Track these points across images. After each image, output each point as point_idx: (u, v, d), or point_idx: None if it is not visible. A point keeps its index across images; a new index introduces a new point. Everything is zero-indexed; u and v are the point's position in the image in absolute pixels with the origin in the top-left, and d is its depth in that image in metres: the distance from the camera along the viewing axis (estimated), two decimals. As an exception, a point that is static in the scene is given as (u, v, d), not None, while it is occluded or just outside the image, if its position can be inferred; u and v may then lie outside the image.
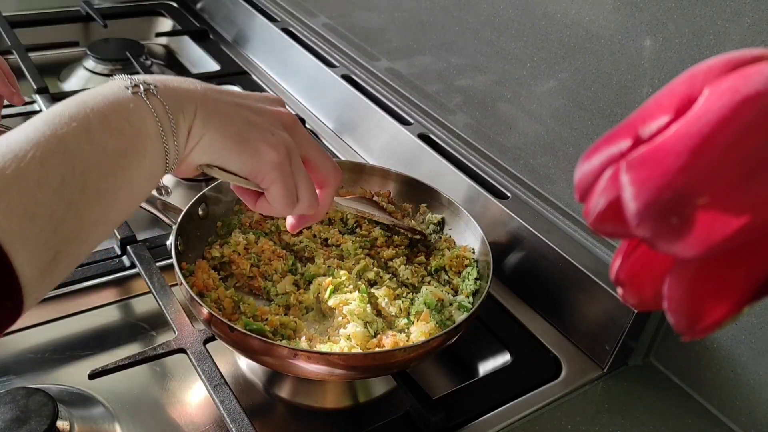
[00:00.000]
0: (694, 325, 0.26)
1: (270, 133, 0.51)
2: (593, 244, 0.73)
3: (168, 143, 0.46)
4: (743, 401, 0.64)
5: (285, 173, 0.51)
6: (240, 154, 0.49)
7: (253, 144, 0.50)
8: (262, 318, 0.64)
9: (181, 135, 0.47)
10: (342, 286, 0.67)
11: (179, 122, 0.46)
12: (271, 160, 0.50)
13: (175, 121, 0.46)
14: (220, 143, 0.49)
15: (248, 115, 0.51)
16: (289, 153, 0.51)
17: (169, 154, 0.46)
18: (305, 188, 0.53)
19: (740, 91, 0.24)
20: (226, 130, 0.49)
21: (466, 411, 0.63)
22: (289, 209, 0.53)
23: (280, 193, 0.52)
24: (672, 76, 0.37)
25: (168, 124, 0.46)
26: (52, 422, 0.55)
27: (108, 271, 0.74)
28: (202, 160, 0.50)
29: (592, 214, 0.27)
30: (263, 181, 0.51)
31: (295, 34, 1.18)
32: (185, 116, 0.47)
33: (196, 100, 0.48)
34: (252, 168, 0.50)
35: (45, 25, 1.26)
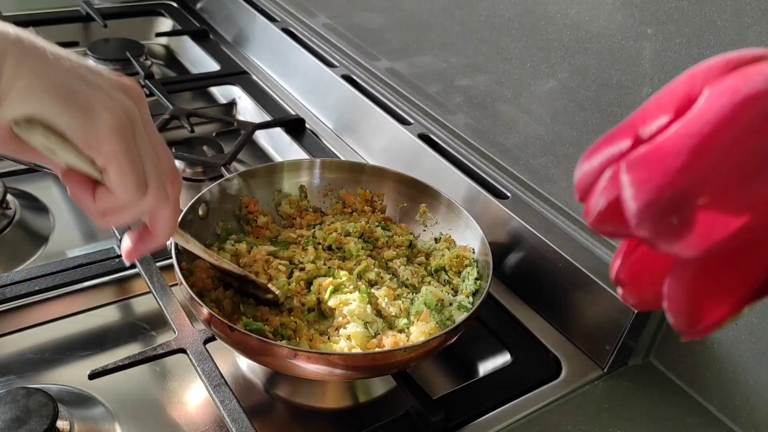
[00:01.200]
0: (694, 325, 0.26)
1: (106, 94, 0.40)
2: (593, 244, 0.73)
3: None
4: (743, 401, 0.64)
5: (128, 144, 0.40)
6: (68, 106, 0.38)
7: (86, 99, 0.39)
8: (263, 318, 0.64)
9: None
10: (342, 286, 0.67)
11: None
12: (109, 122, 0.39)
13: None
14: (41, 89, 0.38)
15: (78, 68, 0.40)
16: (132, 122, 0.41)
17: None
18: (153, 171, 0.42)
19: (740, 91, 0.24)
20: (48, 77, 0.38)
21: (466, 411, 0.63)
22: (136, 196, 0.42)
23: (125, 170, 0.40)
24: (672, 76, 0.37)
25: None
26: (52, 422, 0.55)
27: (108, 271, 0.74)
28: (19, 111, 0.38)
29: (592, 214, 0.27)
30: (100, 153, 0.40)
31: (295, 34, 1.18)
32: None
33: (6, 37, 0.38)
34: (84, 129, 0.39)
35: (45, 25, 1.26)
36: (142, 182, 0.42)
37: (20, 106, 0.38)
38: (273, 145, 1.06)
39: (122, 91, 0.42)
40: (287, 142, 1.01)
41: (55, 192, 0.91)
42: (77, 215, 0.88)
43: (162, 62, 1.32)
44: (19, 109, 0.38)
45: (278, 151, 1.05)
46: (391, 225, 0.79)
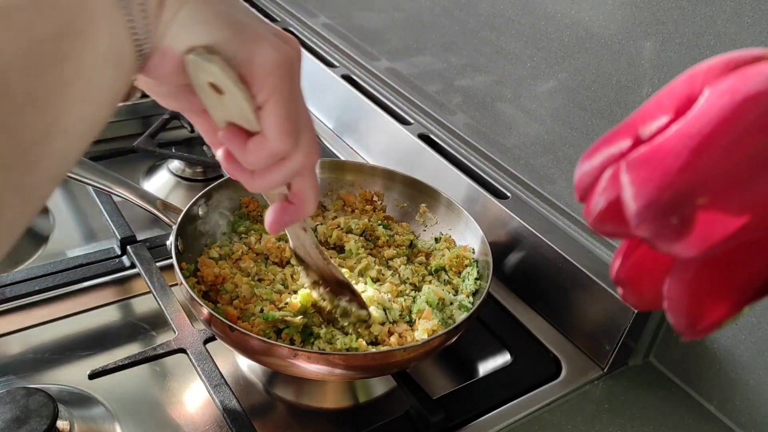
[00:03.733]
0: (694, 325, 0.26)
1: (271, 32, 0.39)
2: (593, 244, 0.73)
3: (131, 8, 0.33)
4: (743, 401, 0.64)
5: (292, 81, 0.39)
6: (236, 34, 0.37)
7: (251, 30, 0.37)
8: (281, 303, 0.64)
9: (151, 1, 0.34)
10: None
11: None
12: (275, 55, 0.37)
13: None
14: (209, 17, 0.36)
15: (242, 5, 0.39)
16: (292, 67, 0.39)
17: (137, 28, 0.33)
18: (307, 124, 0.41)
19: (740, 91, 0.24)
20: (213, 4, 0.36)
21: (466, 411, 0.63)
22: (288, 142, 0.40)
23: (281, 111, 0.38)
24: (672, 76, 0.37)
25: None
26: (52, 422, 0.55)
27: (108, 271, 0.74)
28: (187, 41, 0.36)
29: (592, 214, 0.27)
30: (263, 88, 0.38)
31: (295, 34, 1.18)
32: None
33: None
34: (250, 58, 0.37)
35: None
36: (296, 130, 0.40)
37: (189, 34, 0.36)
38: (273, 145, 1.06)
39: (282, 37, 0.40)
40: (287, 142, 1.01)
41: (55, 192, 0.91)
42: (77, 215, 0.88)
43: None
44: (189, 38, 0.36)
45: (278, 151, 1.05)
46: (393, 224, 0.79)
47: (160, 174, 0.96)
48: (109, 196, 0.81)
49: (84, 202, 0.90)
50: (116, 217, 0.78)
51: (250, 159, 0.41)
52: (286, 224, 0.47)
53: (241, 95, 0.38)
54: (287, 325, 0.62)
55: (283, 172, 0.42)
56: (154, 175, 0.96)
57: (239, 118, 0.39)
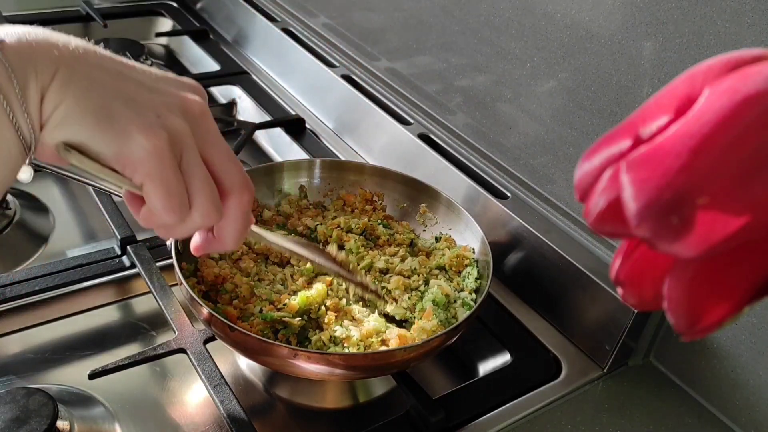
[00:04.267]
0: (694, 325, 0.26)
1: (154, 114, 0.41)
2: (593, 244, 0.73)
3: (16, 114, 0.37)
4: (743, 401, 0.64)
5: (165, 166, 0.40)
6: (102, 131, 0.39)
7: (123, 122, 0.39)
8: (280, 303, 0.64)
9: (32, 101, 0.37)
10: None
11: (28, 84, 0.37)
12: (144, 145, 0.39)
13: (23, 83, 0.37)
14: (78, 115, 0.38)
15: (131, 88, 0.41)
16: (176, 143, 0.41)
17: (21, 129, 0.37)
18: (201, 192, 0.42)
19: (740, 91, 0.24)
20: (89, 99, 0.39)
21: (466, 411, 0.63)
22: (174, 217, 0.42)
23: (158, 194, 0.41)
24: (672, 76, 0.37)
25: (11, 88, 0.36)
26: (52, 422, 0.55)
27: (108, 271, 0.74)
28: (56, 138, 0.39)
29: (592, 214, 0.27)
30: (135, 174, 0.40)
31: (295, 34, 1.18)
32: (39, 77, 0.37)
33: (59, 59, 0.38)
34: (117, 153, 0.40)
35: (45, 25, 1.23)
36: (183, 203, 0.42)
37: (58, 131, 0.39)
38: (273, 145, 1.06)
39: (178, 107, 0.42)
40: (287, 142, 1.01)
41: (55, 192, 0.91)
42: (77, 215, 0.88)
43: (162, 62, 1.32)
44: (58, 135, 0.39)
45: (278, 151, 1.05)
46: (393, 223, 0.79)
47: (160, 174, 0.96)
48: (109, 196, 0.81)
49: (84, 202, 0.90)
50: (116, 217, 0.78)
51: (143, 223, 0.45)
52: (206, 251, 0.50)
53: (111, 179, 0.41)
54: (285, 326, 0.62)
55: (180, 233, 0.45)
56: (154, 175, 0.96)
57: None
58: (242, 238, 0.48)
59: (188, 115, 0.43)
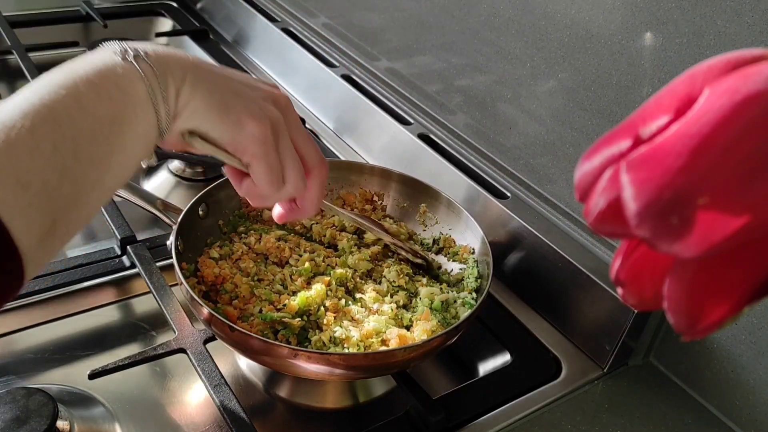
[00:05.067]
0: (694, 325, 0.26)
1: (257, 105, 0.50)
2: (593, 244, 0.73)
3: (158, 106, 0.45)
4: (743, 401, 0.64)
5: (268, 149, 0.50)
6: (222, 122, 0.48)
7: (237, 113, 0.49)
8: (279, 303, 0.64)
9: (170, 98, 0.46)
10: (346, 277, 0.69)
11: (168, 85, 0.46)
12: (253, 132, 0.49)
13: (164, 84, 0.46)
14: (204, 109, 0.48)
15: (237, 86, 0.50)
16: (275, 129, 0.50)
17: (161, 118, 0.46)
18: (292, 169, 0.52)
19: (740, 91, 0.24)
20: (212, 96, 0.48)
21: (466, 411, 0.63)
22: (273, 189, 0.51)
23: (263, 170, 0.50)
24: (672, 76, 0.37)
25: (157, 86, 0.45)
26: (52, 422, 0.55)
27: (108, 271, 0.74)
28: (186, 126, 0.48)
29: (592, 214, 0.27)
30: (244, 155, 0.50)
31: (295, 34, 1.18)
32: (174, 79, 0.46)
33: (186, 65, 0.48)
34: (232, 138, 0.49)
35: (45, 25, 1.26)
36: (279, 179, 0.51)
37: (188, 122, 0.48)
38: (273, 145, 1.06)
39: (272, 100, 0.51)
40: (287, 142, 1.01)
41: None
42: (77, 215, 0.88)
43: (162, 62, 1.32)
44: (189, 124, 0.48)
45: (278, 151, 1.05)
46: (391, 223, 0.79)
47: (161, 174, 0.96)
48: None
49: (84, 202, 0.90)
50: (116, 217, 0.78)
51: (244, 193, 0.54)
52: (288, 220, 0.58)
53: (224, 157, 0.51)
54: (285, 326, 0.62)
55: (274, 201, 0.55)
56: (154, 174, 0.96)
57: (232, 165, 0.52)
58: (319, 206, 0.57)
59: (279, 106, 0.52)
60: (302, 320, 0.62)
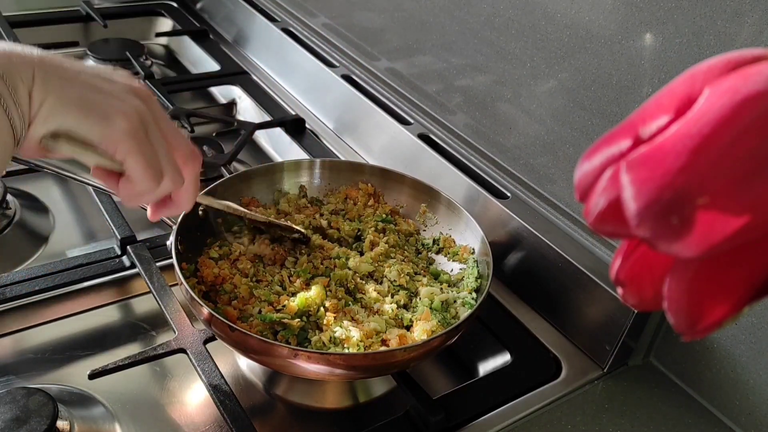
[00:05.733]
0: (694, 325, 0.26)
1: (119, 99, 0.47)
2: (593, 244, 0.73)
3: (10, 110, 0.42)
4: (743, 401, 0.64)
5: (141, 141, 0.47)
6: (86, 118, 0.45)
7: (100, 108, 0.46)
8: (279, 304, 0.64)
9: (22, 100, 0.43)
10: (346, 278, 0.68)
11: (17, 86, 0.43)
12: (123, 126, 0.46)
13: (13, 85, 0.42)
14: (63, 108, 0.45)
15: (93, 80, 0.47)
16: (143, 121, 0.48)
17: (15, 124, 0.43)
18: (168, 161, 0.49)
19: (740, 91, 0.24)
20: (69, 93, 0.45)
21: (466, 411, 0.63)
22: (153, 185, 0.49)
23: (141, 165, 0.47)
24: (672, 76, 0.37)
25: (5, 89, 0.42)
26: (52, 422, 0.55)
27: (108, 271, 0.74)
28: (47, 128, 0.45)
29: (592, 214, 0.27)
30: (117, 151, 0.47)
31: (295, 34, 1.18)
32: (23, 80, 0.43)
33: (32, 63, 0.44)
34: (102, 134, 0.46)
35: (45, 25, 1.26)
36: (158, 171, 0.48)
37: (47, 124, 0.45)
38: (273, 145, 1.06)
39: (133, 93, 0.48)
40: (287, 142, 1.01)
41: (55, 192, 0.91)
42: (77, 215, 0.88)
43: (162, 62, 1.32)
44: (48, 126, 0.45)
45: (278, 151, 1.05)
46: (398, 219, 0.79)
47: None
48: (109, 196, 0.81)
49: (84, 202, 0.90)
50: (116, 217, 0.78)
51: (122, 194, 0.51)
52: (162, 216, 0.56)
53: (96, 158, 0.47)
54: (284, 327, 0.62)
55: (154, 198, 0.52)
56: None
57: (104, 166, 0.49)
58: (194, 199, 0.55)
59: (141, 98, 0.49)
60: (301, 321, 0.62)
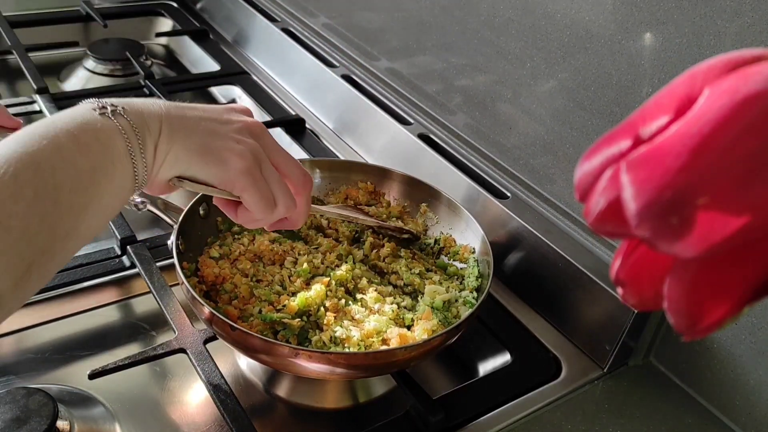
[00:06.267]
0: (694, 325, 0.26)
1: (234, 141, 0.52)
2: (593, 244, 0.73)
3: (136, 160, 0.48)
4: (743, 401, 0.64)
5: (256, 178, 0.53)
6: (206, 164, 0.51)
7: (218, 153, 0.51)
8: (279, 304, 0.64)
9: (148, 152, 0.49)
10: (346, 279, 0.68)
11: (146, 139, 0.48)
12: (239, 167, 0.51)
13: (142, 139, 0.48)
14: (186, 156, 0.50)
15: (212, 126, 0.52)
16: (257, 159, 0.53)
17: (138, 171, 0.48)
18: (280, 191, 0.55)
19: (740, 91, 0.24)
20: (191, 142, 0.51)
21: (466, 411, 0.63)
22: (268, 213, 0.54)
23: (255, 199, 0.53)
24: (672, 76, 0.37)
25: (135, 141, 0.47)
26: (52, 422, 0.55)
27: (108, 271, 0.74)
28: (170, 174, 0.51)
29: (592, 214, 0.27)
30: (235, 189, 0.53)
31: (295, 34, 1.18)
32: (151, 133, 0.49)
33: (160, 117, 0.50)
34: (221, 177, 0.52)
35: (45, 25, 1.26)
36: (270, 202, 0.54)
37: (172, 170, 0.51)
38: (273, 145, 1.06)
39: (247, 131, 0.54)
40: (287, 142, 1.01)
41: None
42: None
43: (162, 62, 1.32)
44: (172, 172, 0.51)
45: (278, 151, 1.05)
46: (408, 219, 0.79)
47: (160, 174, 0.95)
48: (109, 196, 0.80)
49: (84, 202, 0.90)
50: (116, 217, 0.78)
51: (241, 221, 0.57)
52: (278, 228, 0.61)
53: (215, 193, 0.53)
54: (285, 327, 0.62)
55: (270, 221, 0.57)
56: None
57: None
58: (306, 217, 0.61)
59: (254, 134, 0.54)
60: (302, 321, 0.62)
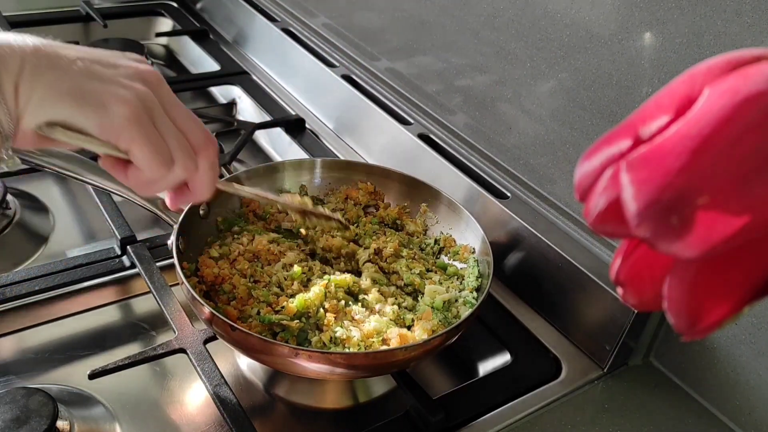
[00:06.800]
0: (694, 325, 0.26)
1: (120, 85, 0.45)
2: (593, 244, 0.73)
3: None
4: (743, 401, 0.64)
5: (146, 129, 0.45)
6: (79, 107, 0.43)
7: (97, 96, 0.44)
8: (278, 305, 0.64)
9: (7, 93, 0.42)
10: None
11: (2, 81, 0.42)
12: (123, 113, 0.44)
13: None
14: (54, 98, 0.43)
15: (92, 67, 0.45)
16: (147, 108, 0.45)
17: (1, 119, 0.42)
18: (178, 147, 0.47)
19: (740, 91, 0.24)
20: (61, 83, 0.43)
21: (466, 411, 0.63)
22: (162, 171, 0.47)
23: (147, 152, 0.45)
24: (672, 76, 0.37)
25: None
26: (52, 422, 0.55)
27: (108, 271, 0.74)
28: (38, 120, 0.43)
29: (592, 214, 0.27)
30: (120, 140, 0.45)
31: (295, 34, 1.18)
32: (9, 71, 0.42)
33: (22, 54, 0.43)
34: (100, 123, 0.44)
35: (45, 25, 1.26)
36: (167, 159, 0.46)
37: (39, 115, 0.43)
38: (273, 145, 1.06)
39: (138, 77, 0.46)
40: (287, 142, 1.01)
41: (55, 192, 0.91)
42: (77, 215, 0.88)
43: (162, 62, 1.32)
44: (40, 117, 0.43)
45: (278, 151, 1.05)
46: (406, 219, 0.79)
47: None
48: (109, 195, 0.81)
49: (84, 201, 0.90)
50: (116, 217, 0.78)
51: (132, 183, 0.49)
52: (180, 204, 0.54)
53: (98, 147, 0.45)
54: (283, 329, 0.62)
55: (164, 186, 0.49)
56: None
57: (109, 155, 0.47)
58: (213, 187, 0.52)
59: (147, 83, 0.47)
60: (301, 322, 0.62)
